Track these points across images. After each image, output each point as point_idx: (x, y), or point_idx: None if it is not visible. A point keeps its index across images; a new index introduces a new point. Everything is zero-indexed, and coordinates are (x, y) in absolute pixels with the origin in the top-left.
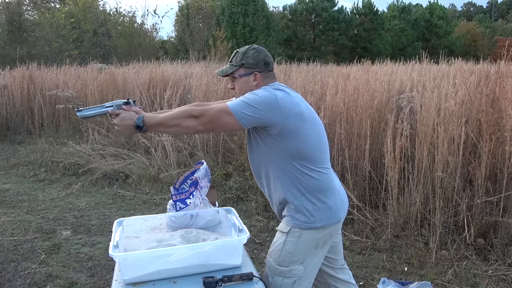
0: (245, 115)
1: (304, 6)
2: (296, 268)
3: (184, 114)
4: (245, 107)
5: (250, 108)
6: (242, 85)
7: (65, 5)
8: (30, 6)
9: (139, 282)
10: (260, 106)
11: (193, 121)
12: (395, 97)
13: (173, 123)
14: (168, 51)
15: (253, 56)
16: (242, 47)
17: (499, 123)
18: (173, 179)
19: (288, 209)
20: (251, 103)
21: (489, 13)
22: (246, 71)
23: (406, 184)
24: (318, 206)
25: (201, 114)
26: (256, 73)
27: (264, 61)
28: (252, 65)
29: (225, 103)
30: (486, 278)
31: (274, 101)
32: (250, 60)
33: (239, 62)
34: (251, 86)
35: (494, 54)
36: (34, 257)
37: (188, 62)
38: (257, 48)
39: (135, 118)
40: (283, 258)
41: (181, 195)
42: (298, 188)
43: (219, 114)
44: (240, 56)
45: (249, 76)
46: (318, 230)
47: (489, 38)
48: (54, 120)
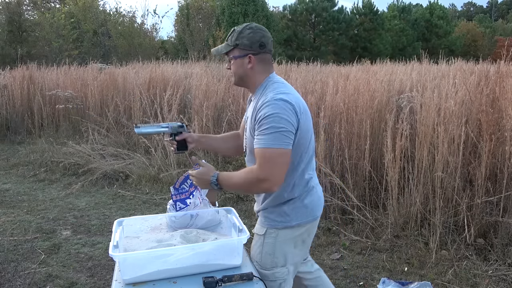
0: (289, 141)
1: (304, 6)
2: (280, 271)
3: (252, 180)
4: (283, 136)
5: (287, 133)
6: (237, 67)
7: (65, 5)
8: (30, 6)
9: (139, 282)
10: (290, 126)
11: (264, 184)
12: (395, 97)
13: (245, 188)
14: (168, 51)
15: (248, 37)
16: (240, 25)
17: (499, 123)
18: (173, 179)
19: (265, 209)
20: (283, 129)
21: (489, 13)
22: (240, 52)
23: (406, 184)
24: (293, 205)
25: (266, 176)
26: (250, 55)
27: (260, 42)
28: (247, 47)
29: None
30: (486, 278)
31: (292, 109)
32: (245, 41)
33: (234, 42)
34: (245, 69)
35: (494, 54)
36: (34, 257)
37: (188, 62)
38: (254, 28)
39: (211, 176)
40: (264, 261)
41: (181, 195)
42: (283, 189)
43: (276, 164)
44: (235, 35)
45: (244, 59)
46: (293, 229)
47: (489, 38)
48: (54, 120)
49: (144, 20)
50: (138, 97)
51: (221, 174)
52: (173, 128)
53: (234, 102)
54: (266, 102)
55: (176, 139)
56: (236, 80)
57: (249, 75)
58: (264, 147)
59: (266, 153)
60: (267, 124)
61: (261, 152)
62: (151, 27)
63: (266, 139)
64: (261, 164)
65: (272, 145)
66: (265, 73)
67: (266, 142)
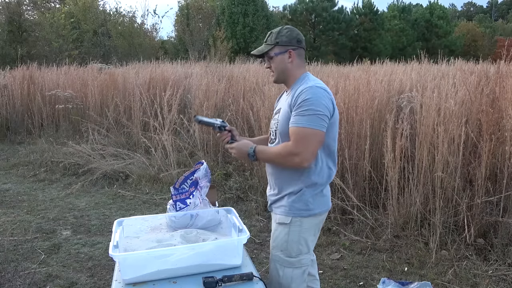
0: (324, 124)
1: (304, 6)
2: (305, 258)
3: (285, 154)
4: (319, 119)
5: (323, 117)
6: (278, 63)
7: (65, 5)
8: (30, 6)
9: (139, 282)
10: (326, 111)
11: (296, 158)
12: (395, 97)
13: (278, 161)
14: (168, 51)
15: (287, 35)
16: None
17: (499, 123)
18: (173, 179)
19: (289, 199)
20: (318, 109)
21: (489, 13)
22: (280, 49)
23: (406, 184)
24: (315, 194)
25: (299, 151)
26: (290, 50)
27: (297, 38)
28: (287, 43)
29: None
30: (486, 278)
31: (328, 97)
32: (284, 38)
33: (274, 40)
34: (286, 63)
35: (494, 54)
36: (34, 257)
37: (188, 62)
38: (290, 28)
39: (249, 148)
40: (290, 249)
41: (181, 195)
42: (313, 172)
43: (310, 142)
44: (274, 35)
45: (284, 54)
46: (316, 217)
47: (489, 38)
48: (54, 120)
49: (144, 20)
50: (138, 97)
51: (258, 147)
52: (220, 122)
53: (234, 102)
54: (307, 88)
55: (226, 129)
56: (276, 76)
57: (289, 69)
58: (301, 126)
59: (302, 131)
60: (306, 106)
61: (297, 130)
62: (151, 27)
63: (303, 119)
64: (296, 140)
65: (309, 125)
66: (302, 68)
67: (303, 122)
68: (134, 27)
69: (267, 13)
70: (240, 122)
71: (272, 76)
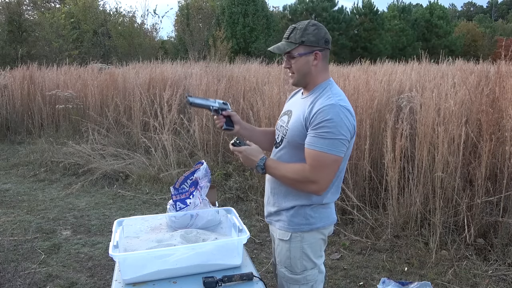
0: (344, 150)
1: (304, 6)
2: (310, 273)
3: (301, 179)
4: (341, 144)
5: (345, 142)
6: (301, 65)
7: (65, 5)
8: (30, 6)
9: (139, 282)
10: (348, 135)
11: (313, 186)
12: (394, 97)
13: (291, 183)
14: (168, 51)
15: (314, 33)
16: (299, 22)
17: (499, 123)
18: (173, 179)
19: (287, 213)
20: (343, 137)
21: (489, 13)
22: (306, 49)
23: (406, 184)
24: (317, 209)
25: (317, 179)
26: (317, 52)
27: (325, 38)
28: (313, 43)
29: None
30: (486, 278)
31: (352, 120)
32: (311, 38)
33: (299, 39)
34: (310, 66)
35: (494, 54)
36: (34, 257)
37: (188, 62)
38: (317, 24)
39: (259, 159)
40: (294, 265)
41: (181, 195)
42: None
43: (329, 169)
44: (299, 32)
45: (309, 56)
46: (318, 231)
47: (489, 38)
48: (54, 120)
49: (144, 20)
50: (138, 97)
51: (269, 160)
52: (219, 104)
53: (234, 102)
54: (329, 105)
55: (222, 113)
56: (297, 79)
57: (312, 73)
58: (321, 151)
59: (322, 157)
60: (327, 128)
61: (317, 155)
62: (151, 27)
63: (324, 143)
64: (314, 166)
65: (329, 150)
66: (326, 72)
67: (324, 146)
68: (134, 27)
69: (267, 13)
70: None
71: (291, 77)
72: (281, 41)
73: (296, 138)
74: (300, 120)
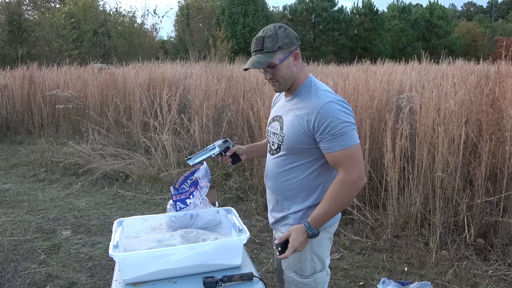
0: (356, 133)
1: (304, 6)
2: (320, 276)
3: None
4: (354, 131)
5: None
6: (284, 70)
7: (65, 5)
8: (30, 6)
9: (139, 282)
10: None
11: (360, 181)
12: (394, 97)
13: (347, 200)
14: (168, 51)
15: (286, 34)
16: (263, 30)
17: (499, 123)
18: (173, 179)
19: (295, 215)
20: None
21: (489, 13)
22: (284, 53)
23: (406, 184)
24: None
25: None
26: (294, 52)
27: (296, 36)
28: (289, 44)
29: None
30: (486, 278)
31: (348, 107)
32: (285, 40)
33: (275, 46)
34: (292, 68)
35: (495, 54)
36: (34, 257)
37: (188, 62)
38: (284, 26)
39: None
40: (304, 268)
41: (181, 195)
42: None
43: (359, 156)
44: (272, 40)
45: (289, 58)
46: (325, 231)
47: (489, 38)
48: (54, 120)
49: (144, 20)
50: (138, 97)
51: (311, 217)
52: (220, 146)
53: (234, 102)
54: (327, 103)
55: (227, 155)
56: (283, 85)
57: (295, 73)
58: (345, 148)
59: (350, 152)
60: (339, 126)
61: (345, 153)
62: (151, 27)
63: (343, 139)
64: (348, 166)
65: (350, 143)
66: (304, 69)
67: (345, 142)
68: (134, 27)
69: (267, 13)
70: (240, 122)
71: (275, 85)
72: (252, 56)
73: (297, 144)
74: (297, 126)
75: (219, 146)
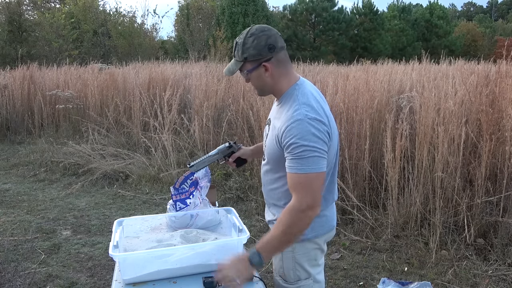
0: (325, 162)
1: (304, 6)
2: (304, 284)
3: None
4: (319, 159)
5: (323, 154)
6: (255, 80)
7: (65, 5)
8: (30, 6)
9: (139, 282)
10: (324, 146)
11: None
12: (395, 97)
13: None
14: (168, 51)
15: (254, 45)
16: (240, 34)
17: (499, 123)
18: (173, 179)
19: None
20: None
21: (489, 13)
22: (252, 64)
23: (406, 184)
24: None
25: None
26: (263, 63)
27: (268, 45)
28: (256, 56)
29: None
30: (486, 278)
31: (324, 128)
32: (252, 51)
33: (241, 56)
34: (264, 78)
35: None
36: (34, 257)
37: (188, 62)
38: (256, 33)
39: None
40: (288, 275)
41: (181, 195)
42: None
43: (316, 186)
44: (240, 48)
45: (258, 69)
46: (311, 241)
47: (489, 38)
48: (54, 120)
49: (144, 20)
50: (138, 97)
51: (261, 242)
52: (223, 152)
53: (234, 102)
54: (297, 121)
55: (229, 160)
56: (259, 92)
57: (270, 84)
58: (302, 172)
59: (303, 179)
60: (302, 147)
61: (298, 179)
62: (151, 27)
63: (303, 163)
64: (300, 193)
65: (310, 169)
66: (288, 77)
67: (304, 167)
68: (134, 27)
69: (267, 13)
70: (240, 122)
71: (255, 91)
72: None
73: (274, 156)
74: (273, 139)
75: (222, 152)
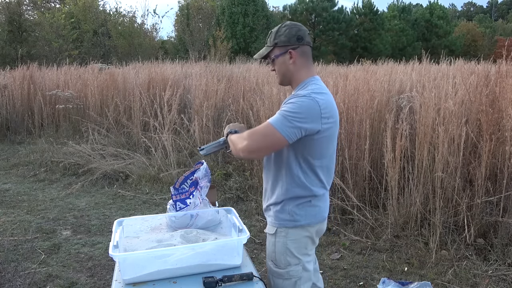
0: (292, 135)
1: (304, 6)
2: (294, 269)
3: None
4: (288, 121)
5: (295, 121)
6: (279, 65)
7: (65, 5)
8: (30, 6)
9: (139, 282)
10: (304, 117)
11: (244, 142)
12: (395, 97)
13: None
14: (168, 51)
15: (285, 33)
16: (277, 26)
17: (499, 123)
18: (173, 179)
19: (274, 208)
20: (294, 116)
21: (489, 13)
22: (281, 50)
23: (406, 184)
24: (303, 205)
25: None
26: (290, 50)
27: (297, 36)
28: (286, 43)
29: (267, 122)
30: (486, 278)
31: (317, 110)
32: (283, 38)
33: (273, 42)
34: (288, 65)
35: (495, 54)
36: (34, 257)
37: (188, 62)
38: (289, 24)
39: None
40: (279, 260)
41: (181, 195)
42: (296, 184)
43: (267, 138)
44: (273, 35)
45: (285, 55)
46: (303, 228)
47: (489, 38)
48: (54, 120)
49: (144, 20)
50: (138, 97)
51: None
52: None
53: (234, 102)
54: (302, 95)
55: None
56: (280, 79)
57: (292, 71)
58: (269, 122)
59: (261, 126)
60: (288, 108)
61: (262, 125)
62: (151, 27)
63: (276, 118)
64: (255, 130)
65: (272, 121)
66: (308, 69)
67: (274, 120)
68: (134, 27)
69: (267, 13)
70: (240, 122)
71: (277, 78)
72: None
73: None
74: None
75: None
